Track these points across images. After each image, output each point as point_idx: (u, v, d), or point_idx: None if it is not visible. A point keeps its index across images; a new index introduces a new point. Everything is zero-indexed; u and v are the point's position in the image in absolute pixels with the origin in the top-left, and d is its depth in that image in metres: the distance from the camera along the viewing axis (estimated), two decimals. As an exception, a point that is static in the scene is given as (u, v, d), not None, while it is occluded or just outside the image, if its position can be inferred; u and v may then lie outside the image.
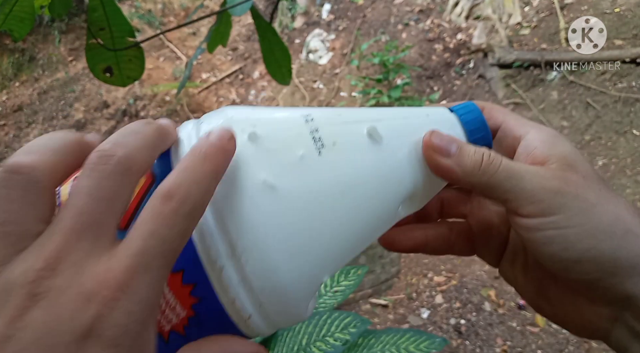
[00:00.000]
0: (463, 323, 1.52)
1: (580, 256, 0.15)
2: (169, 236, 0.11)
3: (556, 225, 0.15)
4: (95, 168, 0.12)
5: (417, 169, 0.17)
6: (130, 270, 0.11)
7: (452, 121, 0.18)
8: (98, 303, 0.10)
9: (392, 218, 0.17)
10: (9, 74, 3.42)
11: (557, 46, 2.28)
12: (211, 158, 0.13)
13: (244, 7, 0.50)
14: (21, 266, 0.11)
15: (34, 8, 0.49)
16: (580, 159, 0.17)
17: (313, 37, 3.15)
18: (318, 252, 0.15)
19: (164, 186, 0.12)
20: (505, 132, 0.19)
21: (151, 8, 3.70)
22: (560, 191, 0.15)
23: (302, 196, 0.15)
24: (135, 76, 0.57)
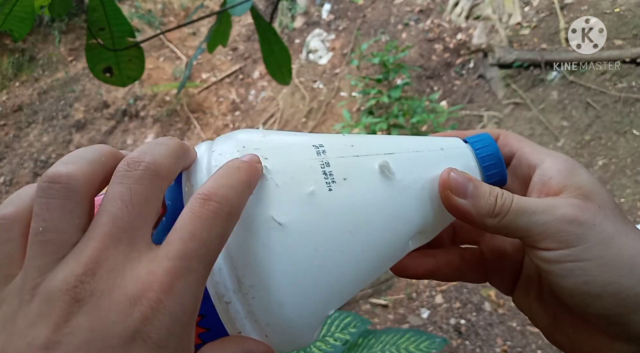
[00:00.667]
0: (463, 323, 1.52)
1: (601, 291, 0.15)
2: (208, 238, 0.12)
3: (575, 257, 0.15)
4: (125, 174, 0.12)
5: (428, 206, 0.17)
6: (173, 273, 0.11)
7: (467, 156, 0.18)
8: (143, 305, 0.10)
9: (402, 252, 0.17)
10: (9, 74, 3.42)
11: (557, 46, 2.28)
12: (245, 170, 0.13)
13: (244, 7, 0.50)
14: (62, 273, 0.11)
15: (34, 8, 0.49)
16: (597, 188, 0.16)
17: (313, 37, 3.14)
18: (325, 288, 0.15)
19: (203, 190, 0.12)
20: (520, 160, 0.19)
21: (151, 8, 3.70)
22: (576, 220, 0.15)
23: (311, 233, 0.14)
24: (135, 76, 0.57)
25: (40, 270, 0.11)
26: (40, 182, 0.12)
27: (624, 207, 1.65)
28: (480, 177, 0.18)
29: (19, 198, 0.13)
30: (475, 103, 2.33)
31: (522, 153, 0.19)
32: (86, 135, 3.01)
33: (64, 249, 0.11)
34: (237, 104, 3.11)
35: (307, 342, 0.15)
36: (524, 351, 1.39)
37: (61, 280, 0.11)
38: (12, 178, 2.80)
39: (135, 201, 0.12)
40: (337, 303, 0.15)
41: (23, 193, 0.13)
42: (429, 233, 0.18)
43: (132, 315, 0.10)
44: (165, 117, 3.00)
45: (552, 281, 0.16)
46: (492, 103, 2.30)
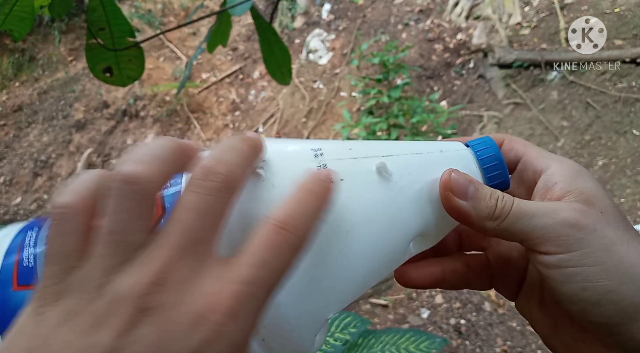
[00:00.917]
0: (463, 323, 1.52)
1: (600, 298, 0.14)
2: (277, 266, 0.12)
3: (576, 262, 0.15)
4: (201, 184, 0.12)
5: (428, 208, 0.16)
6: (240, 298, 0.11)
7: (467, 158, 0.18)
8: (207, 326, 0.10)
9: (402, 255, 0.17)
10: (9, 74, 3.42)
11: (557, 46, 2.28)
12: (320, 196, 0.13)
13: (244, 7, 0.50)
14: (130, 279, 0.11)
15: (34, 8, 0.49)
16: (600, 194, 0.16)
17: (313, 37, 3.14)
18: (323, 289, 0.14)
19: (280, 214, 0.12)
20: (525, 165, 0.19)
21: (151, 8, 3.70)
22: (577, 224, 0.15)
23: None
24: (135, 76, 0.57)
25: (107, 270, 0.11)
26: (115, 180, 0.12)
27: (624, 207, 1.65)
28: (482, 180, 0.17)
29: (81, 186, 0.12)
30: (475, 103, 2.33)
31: (528, 158, 0.18)
32: (86, 135, 3.01)
33: (131, 251, 0.11)
34: (237, 104, 3.11)
35: (307, 348, 0.15)
36: (524, 351, 1.39)
37: (130, 285, 0.11)
38: (12, 178, 2.80)
39: (208, 214, 0.12)
40: (337, 305, 0.15)
41: (84, 181, 0.13)
42: (431, 237, 0.17)
43: (197, 335, 0.10)
44: (165, 118, 3.00)
45: (553, 287, 0.16)
46: (492, 103, 2.30)
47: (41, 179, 2.89)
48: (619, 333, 0.15)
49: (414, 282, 0.19)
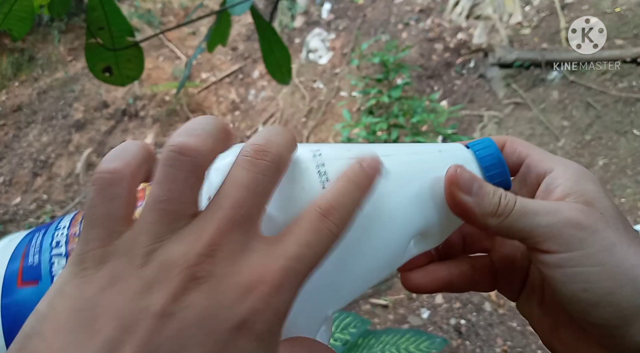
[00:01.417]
0: (463, 323, 1.52)
1: (600, 300, 0.15)
2: (318, 250, 0.12)
3: (577, 262, 0.15)
4: (252, 161, 0.12)
5: (428, 205, 0.16)
6: (285, 272, 0.11)
7: (467, 158, 0.18)
8: (255, 296, 0.11)
9: (403, 254, 0.17)
10: (8, 73, 3.42)
11: (558, 46, 2.27)
12: (362, 188, 0.14)
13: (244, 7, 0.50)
14: (181, 247, 0.11)
15: (33, 7, 0.49)
16: (601, 196, 0.16)
17: (313, 37, 3.14)
18: (322, 286, 0.14)
19: (325, 203, 0.13)
20: (529, 168, 0.19)
21: (150, 7, 3.70)
22: (579, 224, 0.15)
23: None
24: (134, 76, 0.56)
25: (157, 237, 0.11)
26: (169, 150, 0.12)
27: (624, 207, 1.65)
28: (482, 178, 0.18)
29: (126, 153, 0.13)
30: (476, 103, 2.33)
31: (531, 161, 0.19)
32: (86, 135, 3.00)
33: (180, 221, 0.11)
34: (237, 104, 3.11)
35: None
36: (524, 351, 1.40)
37: (181, 254, 0.11)
38: (11, 178, 2.80)
39: (258, 192, 0.12)
40: (337, 302, 0.15)
41: (129, 149, 0.13)
42: (432, 236, 0.17)
43: (245, 304, 0.11)
44: (164, 117, 3.00)
45: (554, 287, 0.16)
46: (493, 103, 2.30)
47: (41, 179, 2.89)
48: (617, 336, 0.15)
49: (422, 287, 0.19)
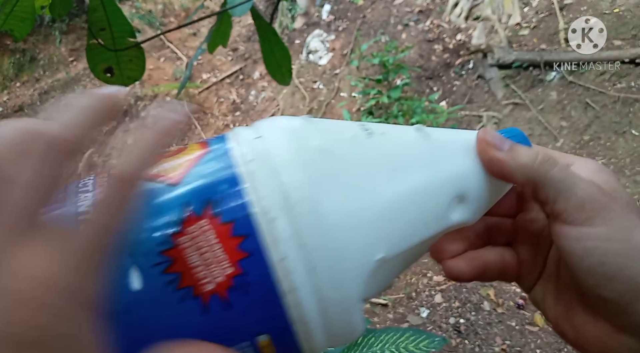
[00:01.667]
0: (462, 322, 1.52)
1: (615, 274, 0.15)
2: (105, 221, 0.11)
3: (598, 237, 0.15)
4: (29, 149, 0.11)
5: (467, 167, 0.17)
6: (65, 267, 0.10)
7: None
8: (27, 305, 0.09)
9: (443, 216, 0.16)
10: (10, 74, 3.43)
11: (557, 47, 2.28)
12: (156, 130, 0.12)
13: (244, 8, 0.50)
14: None
15: (35, 8, 0.49)
16: (620, 188, 0.17)
17: (313, 38, 3.15)
18: (371, 219, 0.14)
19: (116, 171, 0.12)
20: None
21: (152, 8, 3.71)
22: (608, 206, 0.16)
23: (354, 163, 0.15)
24: (135, 77, 0.57)
25: None
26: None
27: (623, 207, 1.65)
28: None
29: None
30: (475, 103, 2.34)
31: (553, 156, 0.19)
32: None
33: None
34: (238, 105, 3.12)
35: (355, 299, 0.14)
36: (523, 350, 1.40)
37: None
38: (12, 178, 2.81)
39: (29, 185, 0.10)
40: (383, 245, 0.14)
41: None
42: (471, 204, 0.17)
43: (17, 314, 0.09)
44: (165, 118, 3.00)
45: (571, 262, 0.16)
46: (492, 103, 2.30)
47: (42, 179, 2.89)
48: (628, 312, 0.15)
49: (462, 274, 0.20)
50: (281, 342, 0.13)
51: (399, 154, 0.16)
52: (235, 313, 0.13)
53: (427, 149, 0.17)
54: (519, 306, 1.56)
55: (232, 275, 0.12)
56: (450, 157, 0.17)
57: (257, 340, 0.13)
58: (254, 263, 0.12)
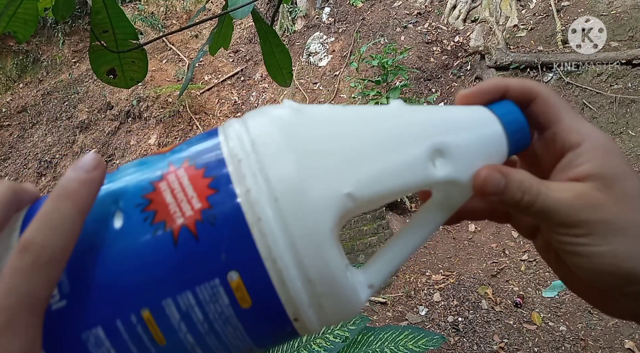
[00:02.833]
0: (460, 320, 1.53)
1: (602, 270, 0.17)
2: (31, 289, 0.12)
3: (584, 242, 0.17)
4: None
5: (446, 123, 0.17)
6: None
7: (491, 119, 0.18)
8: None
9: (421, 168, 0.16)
10: (13, 75, 3.46)
11: (554, 48, 2.30)
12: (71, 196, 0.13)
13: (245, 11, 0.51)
14: None
15: (38, 10, 0.49)
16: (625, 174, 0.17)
17: (313, 40, 3.17)
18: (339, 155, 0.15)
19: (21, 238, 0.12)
20: (555, 135, 0.18)
21: (154, 11, 3.73)
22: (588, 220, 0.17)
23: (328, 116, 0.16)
24: (138, 78, 0.57)
25: None
26: None
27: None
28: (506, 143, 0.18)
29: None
30: (474, 104, 2.35)
31: (559, 129, 0.18)
32: (90, 136, 3.03)
33: None
34: (239, 106, 3.14)
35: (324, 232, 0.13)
36: (520, 348, 1.41)
37: None
38: (16, 178, 2.83)
39: None
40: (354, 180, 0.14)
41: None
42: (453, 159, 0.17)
43: None
44: (167, 119, 3.03)
45: (565, 257, 0.18)
46: (490, 104, 2.31)
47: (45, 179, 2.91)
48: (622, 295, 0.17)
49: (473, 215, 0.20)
50: (252, 281, 0.13)
51: (374, 112, 0.17)
52: (204, 247, 0.13)
53: (403, 110, 0.17)
54: (517, 304, 1.57)
55: (200, 209, 0.13)
56: (428, 114, 0.17)
57: (228, 276, 0.13)
58: (221, 197, 0.13)
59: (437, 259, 1.92)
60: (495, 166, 0.17)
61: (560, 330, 1.48)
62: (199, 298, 0.13)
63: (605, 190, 0.17)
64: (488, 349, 1.41)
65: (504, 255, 1.87)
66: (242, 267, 0.13)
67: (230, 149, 0.14)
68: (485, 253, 1.92)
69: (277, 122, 0.14)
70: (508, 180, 0.17)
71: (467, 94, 0.19)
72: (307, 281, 0.13)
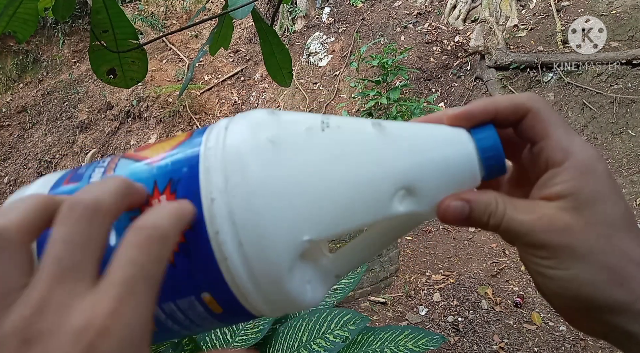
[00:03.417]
0: (460, 320, 1.53)
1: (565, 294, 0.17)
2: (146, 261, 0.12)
3: (547, 266, 0.17)
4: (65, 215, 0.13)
5: (417, 163, 0.17)
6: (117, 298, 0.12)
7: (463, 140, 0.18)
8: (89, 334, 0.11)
9: (387, 204, 0.17)
10: (13, 75, 3.46)
11: (554, 48, 2.30)
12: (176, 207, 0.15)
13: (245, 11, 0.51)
14: (12, 317, 0.11)
15: (38, 10, 0.49)
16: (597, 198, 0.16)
17: (313, 40, 3.17)
18: (301, 202, 0.15)
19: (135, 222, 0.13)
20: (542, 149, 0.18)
21: (154, 11, 3.74)
22: (552, 243, 0.17)
23: (296, 154, 0.16)
24: (138, 78, 0.57)
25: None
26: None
27: (619, 207, 1.66)
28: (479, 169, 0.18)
29: None
30: (474, 104, 2.35)
31: (546, 145, 0.18)
32: (90, 136, 3.03)
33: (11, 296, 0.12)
34: (239, 106, 3.14)
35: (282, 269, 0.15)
36: (520, 348, 1.41)
37: (11, 324, 0.11)
38: (16, 178, 2.83)
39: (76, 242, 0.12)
40: (314, 226, 0.15)
41: None
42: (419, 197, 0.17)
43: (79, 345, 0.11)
44: (167, 119, 3.03)
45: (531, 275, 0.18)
46: (490, 104, 2.31)
47: (44, 180, 2.91)
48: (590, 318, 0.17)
49: None
50: (222, 299, 0.15)
51: (346, 146, 0.17)
52: (180, 273, 0.15)
53: (377, 142, 0.17)
54: (517, 304, 1.57)
55: (177, 242, 0.15)
56: (400, 151, 0.17)
57: (202, 296, 0.15)
58: (195, 234, 0.15)
59: (437, 259, 1.92)
60: (456, 195, 0.17)
61: (560, 330, 1.48)
62: (179, 307, 0.16)
63: (575, 213, 0.16)
64: (488, 349, 1.41)
65: (504, 255, 1.87)
66: (213, 290, 0.15)
67: (206, 183, 0.15)
68: (485, 253, 1.92)
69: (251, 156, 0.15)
70: (472, 206, 0.17)
71: (455, 116, 0.18)
72: (268, 301, 0.16)
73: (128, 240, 0.13)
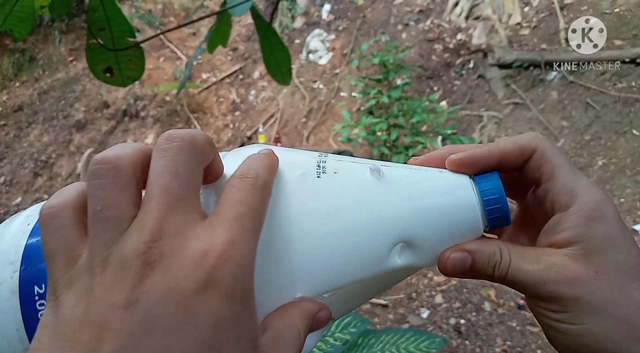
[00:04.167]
0: (463, 323, 1.52)
1: (576, 349, 0.16)
2: (252, 203, 0.14)
3: (558, 319, 0.16)
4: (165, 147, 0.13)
5: (415, 215, 0.16)
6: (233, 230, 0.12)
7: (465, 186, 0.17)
8: (211, 258, 0.12)
9: (385, 259, 0.16)
10: (10, 74, 3.43)
11: (557, 46, 2.28)
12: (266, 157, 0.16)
13: (244, 8, 0.50)
14: (129, 242, 0.12)
15: (34, 8, 0.49)
16: (606, 245, 0.16)
17: (313, 38, 3.15)
18: (292, 263, 0.15)
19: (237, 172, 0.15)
20: (547, 191, 0.17)
21: (151, 8, 3.71)
22: (562, 296, 0.16)
23: (291, 203, 0.15)
24: (135, 76, 0.57)
25: (106, 244, 0.12)
26: (90, 166, 0.13)
27: (623, 207, 1.65)
28: (482, 221, 0.17)
29: (63, 191, 0.14)
30: (475, 103, 2.34)
31: (551, 187, 0.17)
32: (86, 135, 3.01)
33: (124, 223, 0.12)
34: (237, 104, 3.12)
35: None
36: (523, 351, 1.40)
37: (131, 248, 0.12)
38: (12, 178, 2.81)
39: (181, 173, 0.13)
40: (306, 286, 0.15)
41: (66, 188, 0.14)
42: (419, 250, 0.16)
43: (202, 267, 0.11)
44: (165, 118, 3.01)
45: (540, 326, 0.17)
46: (492, 103, 2.30)
47: (41, 179, 2.89)
48: None
49: None
50: None
51: (342, 196, 0.16)
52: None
53: (375, 192, 0.16)
54: (520, 306, 1.56)
55: None
56: (399, 202, 0.16)
57: None
58: None
59: (439, 260, 1.91)
60: (458, 247, 0.17)
61: (564, 333, 1.47)
62: None
63: (584, 261, 0.16)
64: (491, 352, 1.40)
65: (507, 256, 1.86)
66: None
67: None
68: (488, 253, 1.91)
69: None
70: (475, 257, 0.17)
71: (458, 161, 0.18)
72: None
73: (233, 184, 0.14)
